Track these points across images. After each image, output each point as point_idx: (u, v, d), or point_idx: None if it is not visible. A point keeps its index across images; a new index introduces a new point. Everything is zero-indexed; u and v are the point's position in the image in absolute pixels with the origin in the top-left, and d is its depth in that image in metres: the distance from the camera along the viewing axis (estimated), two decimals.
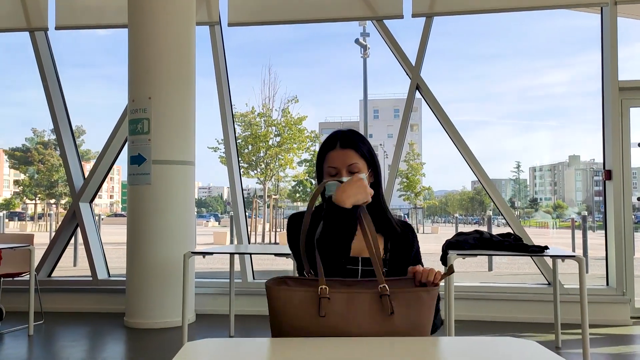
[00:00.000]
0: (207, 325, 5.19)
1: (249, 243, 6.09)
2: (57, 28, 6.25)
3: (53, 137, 32.59)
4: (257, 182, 21.87)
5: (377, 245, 1.57)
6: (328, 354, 1.30)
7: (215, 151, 18.93)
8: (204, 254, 4.13)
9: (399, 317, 1.46)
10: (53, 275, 6.31)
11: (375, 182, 1.80)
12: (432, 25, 5.75)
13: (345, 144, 1.75)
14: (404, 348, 1.37)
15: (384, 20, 5.81)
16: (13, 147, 36.83)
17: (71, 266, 11.18)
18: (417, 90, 5.83)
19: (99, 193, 6.57)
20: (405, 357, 1.30)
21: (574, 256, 3.54)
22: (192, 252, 4.13)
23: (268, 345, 1.42)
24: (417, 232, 1.91)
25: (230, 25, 5.97)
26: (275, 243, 18.23)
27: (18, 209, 40.58)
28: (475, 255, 3.80)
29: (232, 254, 4.60)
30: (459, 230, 4.30)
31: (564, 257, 3.68)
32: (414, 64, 5.76)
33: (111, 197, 56.76)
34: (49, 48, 6.35)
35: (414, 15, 5.69)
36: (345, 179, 1.69)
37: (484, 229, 4.45)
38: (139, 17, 5.22)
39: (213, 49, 6.07)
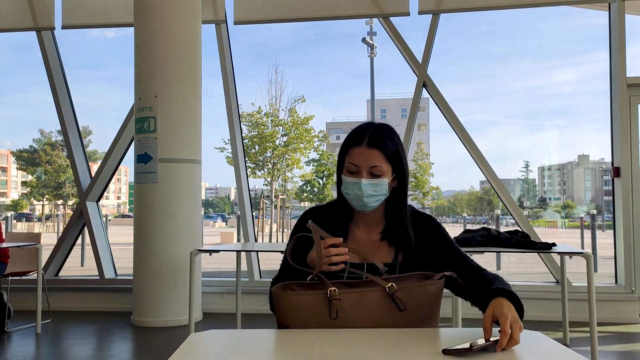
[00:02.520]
0: (214, 324, 5.19)
1: (256, 242, 6.10)
2: (63, 27, 6.28)
3: (60, 138, 32.76)
4: (264, 184, 21.89)
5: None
6: (334, 343, 1.30)
7: (222, 151, 18.95)
8: (210, 251, 4.13)
9: (409, 312, 1.46)
10: (60, 274, 6.33)
11: (400, 187, 1.66)
12: (439, 23, 5.74)
13: (372, 143, 1.59)
14: (410, 337, 1.36)
15: (390, 18, 5.81)
16: (21, 149, 37.04)
17: (78, 266, 11.23)
18: (424, 88, 5.82)
19: (106, 194, 6.61)
20: (411, 346, 1.29)
21: (581, 253, 3.51)
22: (199, 250, 4.13)
23: (273, 336, 1.42)
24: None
25: (236, 23, 5.98)
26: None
27: (26, 210, 40.79)
28: (483, 252, 3.78)
29: (238, 251, 4.60)
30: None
31: (571, 254, 3.65)
32: (420, 61, 5.75)
33: (118, 198, 56.95)
34: (55, 48, 6.38)
35: (420, 13, 5.68)
36: (364, 181, 1.58)
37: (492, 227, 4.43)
38: (145, 15, 5.23)
39: (219, 47, 6.08)
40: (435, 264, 1.64)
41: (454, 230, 2.06)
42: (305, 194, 25.98)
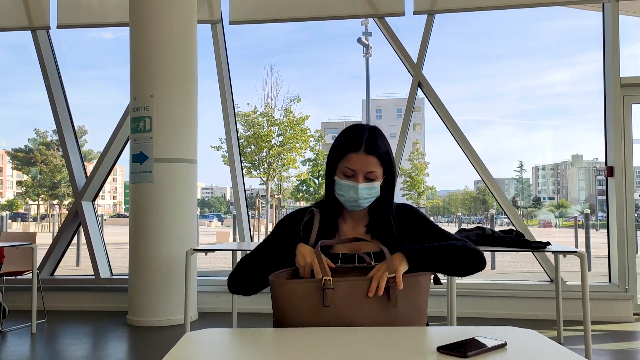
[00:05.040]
0: (209, 323, 5.20)
1: (252, 242, 6.10)
2: (59, 27, 6.27)
3: (56, 137, 32.64)
4: (260, 183, 21.87)
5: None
6: (329, 342, 1.31)
7: (218, 150, 18.94)
8: (206, 251, 4.13)
9: (401, 301, 1.51)
10: (55, 274, 6.32)
11: (387, 185, 1.77)
12: (434, 23, 5.76)
13: (370, 149, 1.70)
14: (404, 336, 1.37)
15: (385, 18, 5.82)
16: (16, 148, 36.85)
17: (74, 266, 11.21)
18: (419, 88, 5.84)
19: (102, 194, 6.60)
20: (406, 344, 1.30)
21: (575, 252, 3.53)
22: (195, 249, 4.14)
23: (268, 335, 1.43)
24: None
25: (232, 23, 5.98)
26: None
27: (21, 210, 40.62)
28: None
29: (234, 250, 4.60)
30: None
31: (565, 253, 3.67)
32: (415, 61, 5.77)
33: (114, 197, 56.76)
34: (51, 47, 6.36)
35: (415, 13, 5.70)
36: (361, 185, 1.69)
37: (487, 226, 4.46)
38: (140, 15, 5.23)
39: (215, 47, 6.08)
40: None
41: (449, 230, 2.08)
42: (301, 194, 25.97)
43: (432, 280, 1.66)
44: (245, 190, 6.42)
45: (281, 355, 1.24)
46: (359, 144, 1.70)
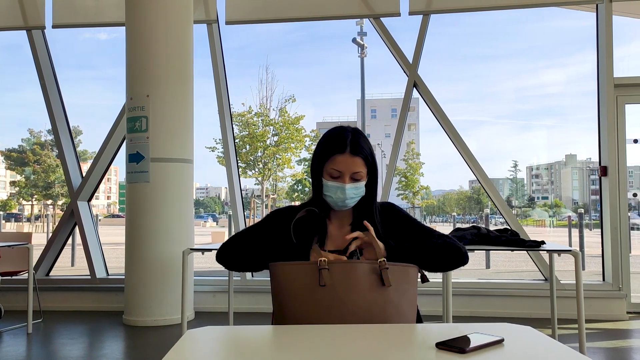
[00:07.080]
0: (206, 322, 5.20)
1: None
2: (54, 26, 6.26)
3: (50, 137, 32.57)
4: (255, 183, 21.87)
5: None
6: (328, 338, 1.32)
7: (213, 151, 18.93)
8: (203, 250, 4.13)
9: (393, 288, 1.59)
10: (51, 274, 6.31)
11: (370, 183, 1.82)
12: (429, 24, 5.78)
13: (355, 151, 1.75)
14: (403, 332, 1.39)
15: (381, 18, 5.84)
16: (9, 148, 36.66)
17: (68, 266, 11.18)
18: (414, 88, 5.86)
19: (96, 194, 6.59)
20: (405, 340, 1.32)
21: (569, 250, 3.56)
22: (191, 249, 4.14)
23: (268, 332, 1.45)
24: None
25: (228, 23, 5.99)
26: None
27: (14, 210, 40.42)
28: (473, 250, 3.81)
29: None
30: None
31: (560, 252, 3.69)
32: (411, 61, 5.79)
33: (108, 197, 56.56)
34: (46, 47, 6.35)
35: (410, 13, 5.72)
36: (348, 185, 1.73)
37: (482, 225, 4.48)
38: (136, 14, 5.23)
39: (211, 47, 6.09)
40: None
41: (444, 230, 2.12)
42: (296, 194, 25.98)
43: (419, 279, 1.72)
44: (241, 190, 6.43)
45: (283, 351, 1.26)
46: (343, 145, 1.75)
